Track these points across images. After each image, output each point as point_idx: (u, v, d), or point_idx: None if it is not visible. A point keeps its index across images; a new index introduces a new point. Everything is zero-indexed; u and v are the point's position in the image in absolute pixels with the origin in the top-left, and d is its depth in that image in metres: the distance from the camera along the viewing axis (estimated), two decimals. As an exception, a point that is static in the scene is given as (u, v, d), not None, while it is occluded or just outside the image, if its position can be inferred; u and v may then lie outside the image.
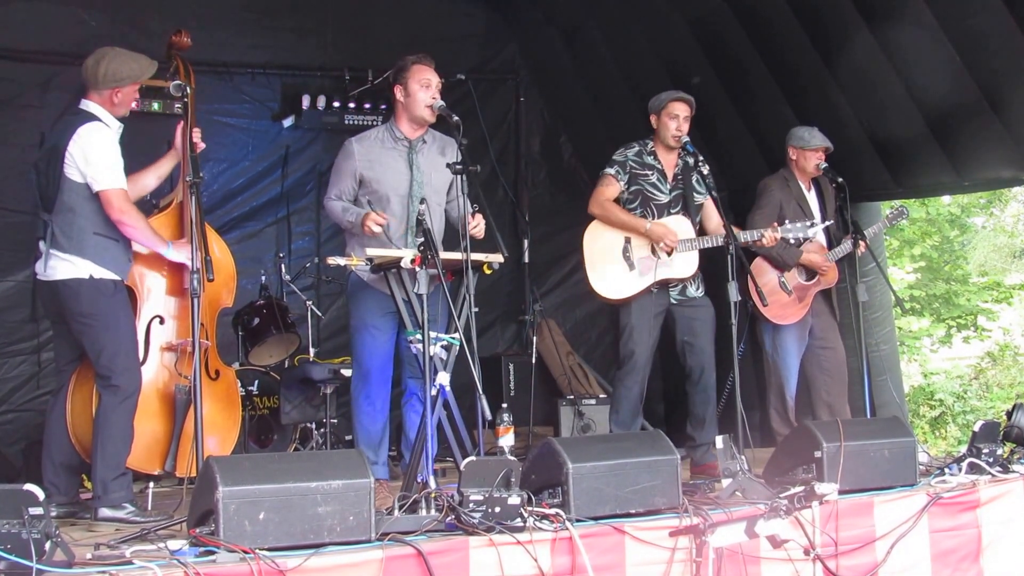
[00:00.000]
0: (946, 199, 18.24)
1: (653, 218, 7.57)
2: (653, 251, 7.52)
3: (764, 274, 8.12)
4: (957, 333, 18.80)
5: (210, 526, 4.63)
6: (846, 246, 8.11)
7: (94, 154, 5.91)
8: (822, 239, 8.29)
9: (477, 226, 6.47)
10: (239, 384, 7.22)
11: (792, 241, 7.63)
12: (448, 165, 6.20)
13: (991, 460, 6.58)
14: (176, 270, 6.44)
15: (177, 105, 7.29)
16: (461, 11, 10.83)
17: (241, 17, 9.78)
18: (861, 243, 7.95)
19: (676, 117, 7.61)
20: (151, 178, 6.50)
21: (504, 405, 6.34)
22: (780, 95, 9.33)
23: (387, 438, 7.16)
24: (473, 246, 6.12)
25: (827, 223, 7.99)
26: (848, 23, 8.44)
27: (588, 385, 10.34)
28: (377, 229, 6.61)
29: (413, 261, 5.89)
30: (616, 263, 7.54)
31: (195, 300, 5.88)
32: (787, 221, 7.65)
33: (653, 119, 7.70)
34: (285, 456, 6.69)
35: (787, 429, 7.99)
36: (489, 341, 10.60)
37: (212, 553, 4.51)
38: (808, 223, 7.56)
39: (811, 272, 8.22)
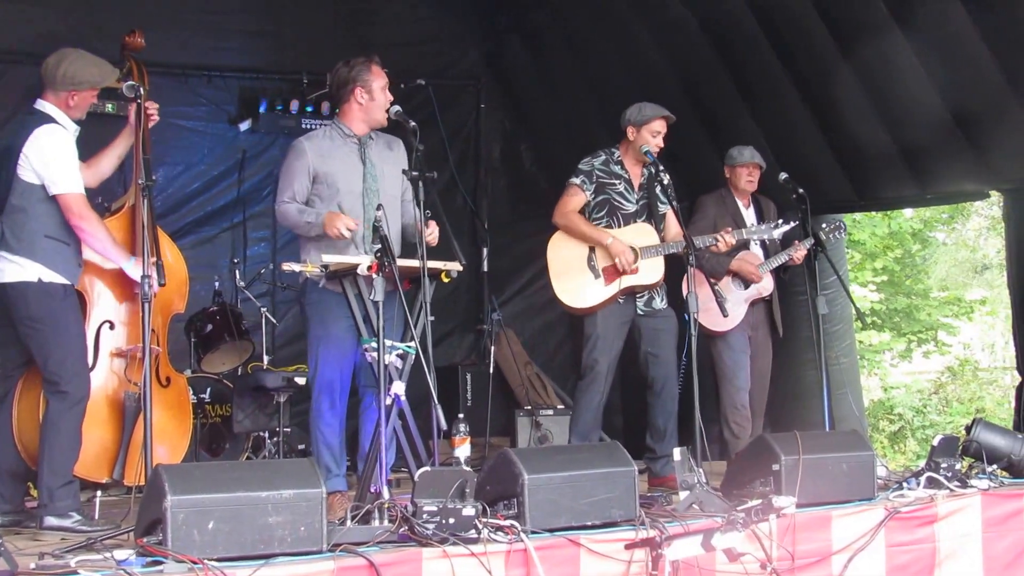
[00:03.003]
0: (908, 213, 18.34)
1: (619, 227, 7.59)
2: (619, 259, 7.55)
3: (700, 285, 8.11)
4: (917, 347, 18.89)
5: (158, 536, 4.60)
6: (781, 256, 8.23)
7: (51, 157, 5.87)
8: (758, 251, 8.36)
9: (432, 234, 6.42)
10: (191, 391, 7.18)
11: (756, 241, 7.98)
12: (403, 172, 6.18)
13: (949, 475, 6.61)
14: (128, 275, 6.39)
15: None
16: (422, 15, 10.77)
17: (197, 19, 9.69)
18: (796, 254, 8.11)
19: (657, 134, 7.63)
20: (109, 160, 6.46)
21: (461, 415, 6.30)
22: (744, 108, 9.36)
23: (345, 449, 7.12)
24: (431, 254, 6.08)
25: (792, 224, 7.98)
26: (816, 39, 8.48)
27: (546, 396, 10.34)
28: (347, 233, 6.52)
29: (370, 268, 5.85)
30: (581, 272, 7.54)
31: (146, 305, 5.83)
32: (753, 224, 7.92)
33: (631, 131, 7.65)
34: (236, 465, 6.65)
35: (744, 439, 8.00)
36: (446, 350, 10.55)
37: (159, 563, 4.48)
38: (773, 224, 7.87)
39: (746, 281, 8.27)
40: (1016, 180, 8.10)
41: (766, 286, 8.34)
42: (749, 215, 8.41)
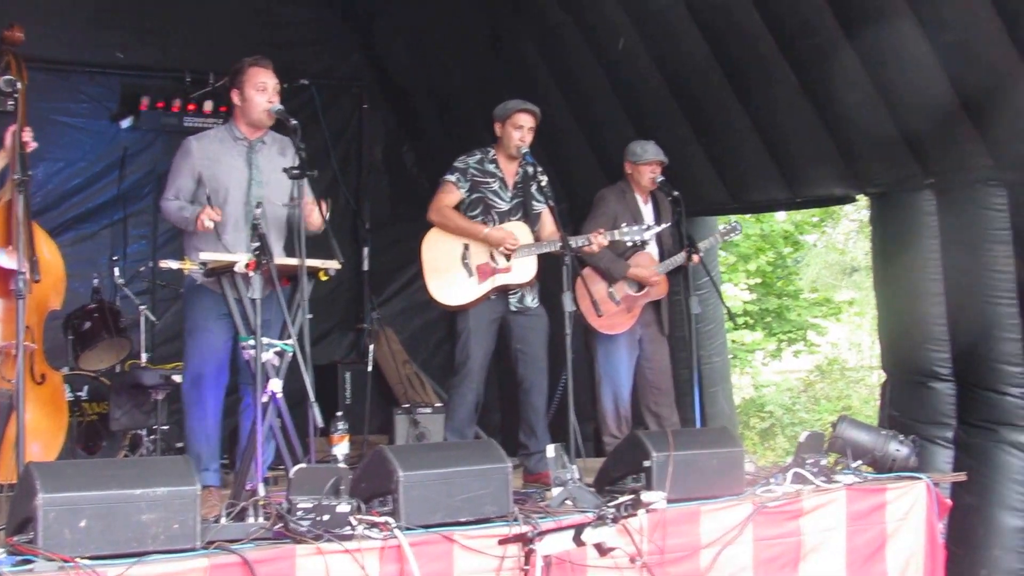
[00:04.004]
0: (781, 216, 18.54)
1: (493, 225, 7.58)
2: (492, 257, 7.52)
3: (594, 284, 8.13)
4: (788, 347, 19.12)
5: (29, 534, 4.50)
6: (677, 259, 8.16)
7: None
8: (654, 251, 8.34)
9: (315, 211, 6.37)
10: (68, 389, 7.05)
11: (629, 244, 7.81)
12: (285, 170, 6.13)
13: (815, 470, 6.69)
14: (1, 271, 6.25)
15: (9, 102, 7.09)
16: (306, 16, 10.76)
17: (80, 14, 9.56)
18: (694, 256, 7.99)
19: (521, 128, 7.60)
20: None
21: (339, 413, 6.30)
22: (621, 110, 9.40)
23: (219, 444, 7.04)
24: (310, 251, 6.03)
25: (663, 226, 8.02)
26: (689, 41, 8.53)
27: (424, 394, 10.31)
28: (209, 224, 6.46)
29: (247, 266, 5.79)
30: (455, 270, 7.51)
31: (20, 302, 5.71)
32: (623, 225, 7.74)
33: (497, 127, 7.68)
34: (109, 462, 6.51)
35: (621, 438, 8.03)
36: (326, 349, 10.53)
37: (30, 562, 4.39)
38: (644, 226, 7.77)
39: (640, 283, 8.28)
40: (882, 185, 8.19)
41: (661, 289, 8.30)
42: (648, 212, 8.36)
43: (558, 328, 7.02)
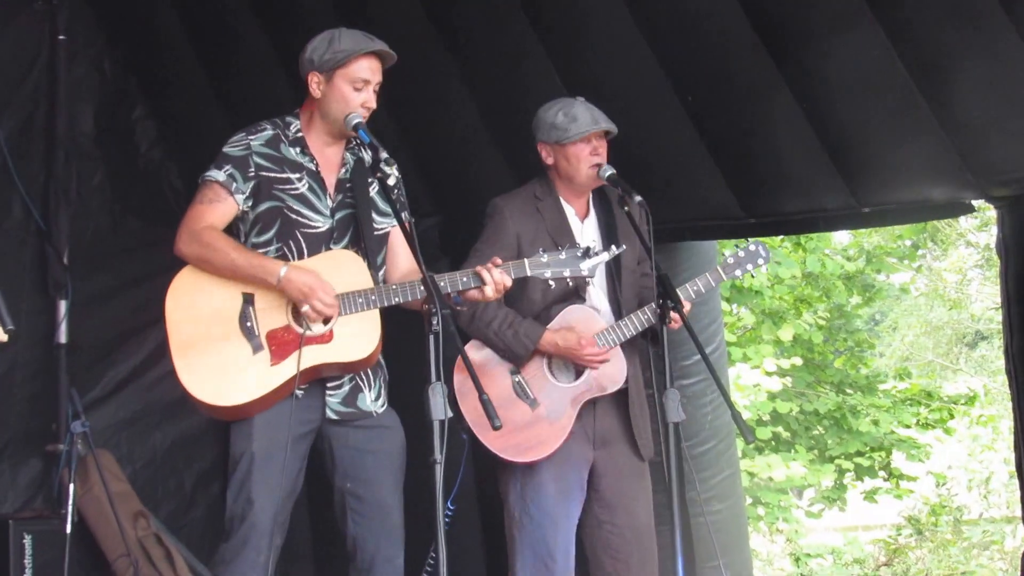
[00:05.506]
0: (841, 238, 18.67)
1: (297, 258, 7.48)
2: (295, 316, 7.38)
3: (489, 369, 8.07)
4: (856, 483, 19.24)
5: None
6: (640, 320, 8.04)
7: None
8: (600, 303, 8.28)
9: None
10: None
11: (551, 284, 7.63)
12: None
13: None
14: None
15: None
16: None
17: None
18: (674, 316, 7.71)
19: (364, 84, 7.49)
20: None
21: (16, 611, 6.26)
22: (548, 61, 9.50)
23: None
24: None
25: (615, 251, 7.79)
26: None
27: (170, 573, 10.28)
28: None
29: None
30: (228, 341, 7.38)
31: None
32: (542, 253, 7.53)
33: (314, 81, 7.49)
34: None
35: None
36: (-12, 491, 10.47)
37: None
38: (579, 251, 7.49)
39: (578, 366, 8.19)
40: (1018, 183, 8.29)
41: (611, 373, 8.16)
42: (588, 232, 8.32)
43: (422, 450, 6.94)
